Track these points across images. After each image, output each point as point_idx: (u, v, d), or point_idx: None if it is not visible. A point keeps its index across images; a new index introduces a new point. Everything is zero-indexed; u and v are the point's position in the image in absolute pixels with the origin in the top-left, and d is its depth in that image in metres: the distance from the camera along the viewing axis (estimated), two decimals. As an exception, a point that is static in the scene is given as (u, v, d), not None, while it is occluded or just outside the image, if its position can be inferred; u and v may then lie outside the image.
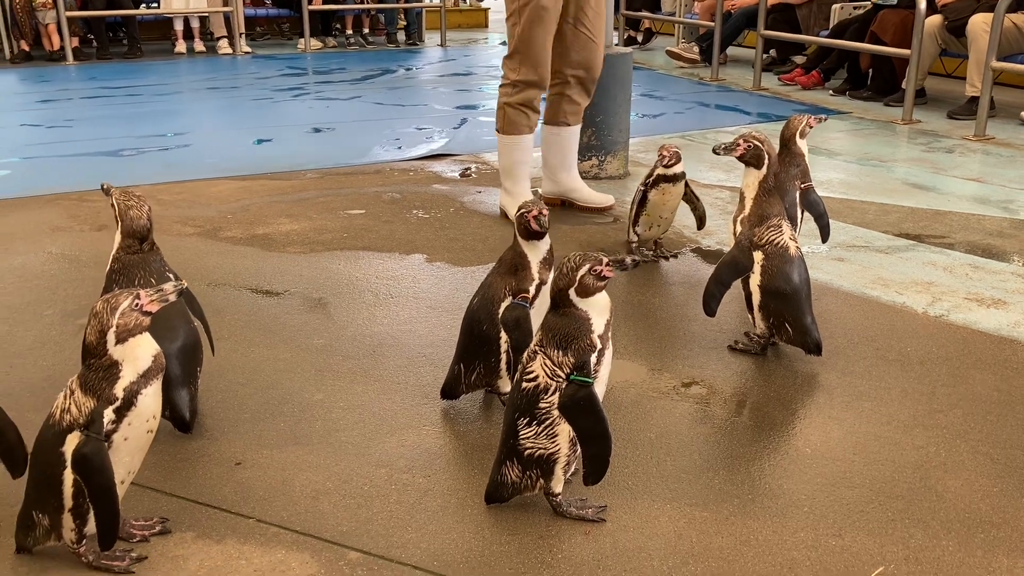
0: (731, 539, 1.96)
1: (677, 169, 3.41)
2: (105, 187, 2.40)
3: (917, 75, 6.32)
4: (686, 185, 3.49)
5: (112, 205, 2.33)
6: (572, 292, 1.92)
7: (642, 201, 3.48)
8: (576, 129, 4.23)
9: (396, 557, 1.90)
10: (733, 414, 2.49)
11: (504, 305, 2.35)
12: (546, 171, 4.30)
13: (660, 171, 3.42)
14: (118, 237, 2.34)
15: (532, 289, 2.35)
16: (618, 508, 2.05)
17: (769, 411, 2.50)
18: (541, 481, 1.99)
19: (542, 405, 1.92)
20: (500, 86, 4.03)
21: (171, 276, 2.34)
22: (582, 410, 1.90)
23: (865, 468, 2.21)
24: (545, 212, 2.30)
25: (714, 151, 2.79)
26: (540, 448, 1.95)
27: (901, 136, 5.96)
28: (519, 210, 2.33)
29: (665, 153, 3.39)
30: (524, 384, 1.94)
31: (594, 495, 2.06)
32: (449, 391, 2.49)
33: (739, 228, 2.75)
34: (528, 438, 1.95)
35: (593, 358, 1.92)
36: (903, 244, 3.82)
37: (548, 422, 1.93)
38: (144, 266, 2.31)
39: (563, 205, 4.27)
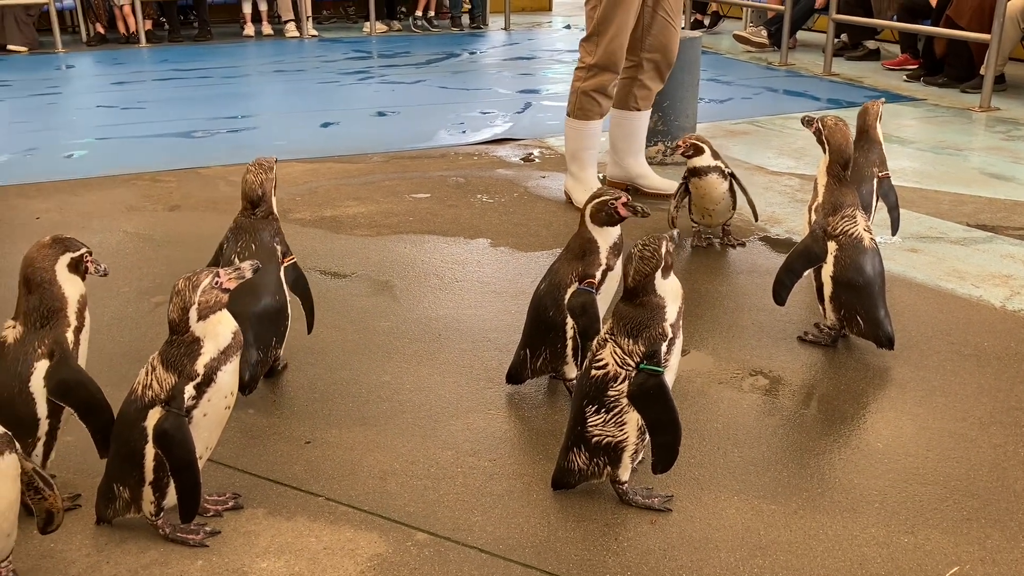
0: (800, 533, 1.93)
1: (700, 162, 3.34)
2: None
3: (997, 60, 6.11)
4: (732, 178, 3.41)
5: None
6: (659, 274, 1.91)
7: (686, 191, 3.45)
8: (646, 115, 4.17)
9: (462, 540, 1.92)
10: (801, 406, 2.45)
11: (570, 291, 2.35)
12: (613, 155, 4.27)
13: (688, 164, 3.38)
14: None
15: (598, 275, 2.35)
16: (684, 498, 2.04)
17: (839, 404, 2.46)
18: (608, 469, 1.99)
19: (611, 393, 1.92)
20: (576, 68, 3.97)
21: (277, 246, 2.43)
22: (652, 399, 1.89)
23: (939, 465, 2.16)
24: (629, 198, 2.30)
25: (801, 121, 2.86)
26: (608, 436, 1.95)
27: (978, 124, 5.77)
28: (598, 198, 2.32)
29: (681, 144, 3.34)
30: (593, 372, 1.93)
31: (660, 484, 2.06)
32: (515, 376, 2.49)
33: (813, 217, 2.70)
34: (596, 425, 1.95)
35: (664, 347, 1.91)
36: (980, 236, 3.70)
37: (617, 410, 1.92)
38: (251, 231, 2.42)
39: (628, 190, 4.23)
